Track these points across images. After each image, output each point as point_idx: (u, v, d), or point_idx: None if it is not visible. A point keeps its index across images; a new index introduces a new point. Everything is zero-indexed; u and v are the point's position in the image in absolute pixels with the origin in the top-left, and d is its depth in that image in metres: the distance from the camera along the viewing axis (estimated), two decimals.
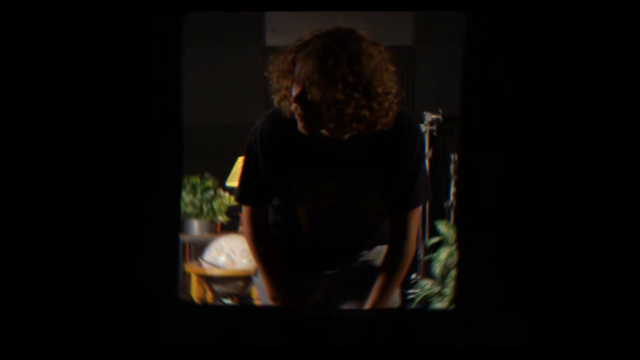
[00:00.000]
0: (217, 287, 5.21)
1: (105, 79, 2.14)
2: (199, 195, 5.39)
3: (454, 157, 5.66)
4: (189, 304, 3.59)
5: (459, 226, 2.20)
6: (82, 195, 2.12)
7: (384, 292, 2.52)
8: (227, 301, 5.11)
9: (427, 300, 5.20)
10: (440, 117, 5.52)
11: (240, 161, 5.57)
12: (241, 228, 5.67)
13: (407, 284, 5.35)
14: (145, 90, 2.15)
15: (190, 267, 5.35)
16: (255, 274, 2.71)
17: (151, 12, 2.12)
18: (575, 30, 2.08)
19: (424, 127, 5.61)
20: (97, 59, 2.13)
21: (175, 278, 2.19)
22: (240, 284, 5.20)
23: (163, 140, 2.16)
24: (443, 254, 5.18)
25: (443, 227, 5.32)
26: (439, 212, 5.62)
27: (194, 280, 5.43)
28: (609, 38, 2.08)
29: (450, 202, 5.70)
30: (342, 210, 2.52)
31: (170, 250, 2.17)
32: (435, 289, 5.18)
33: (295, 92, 2.27)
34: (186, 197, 5.38)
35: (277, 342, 2.13)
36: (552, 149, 2.09)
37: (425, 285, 5.26)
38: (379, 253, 2.66)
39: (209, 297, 5.39)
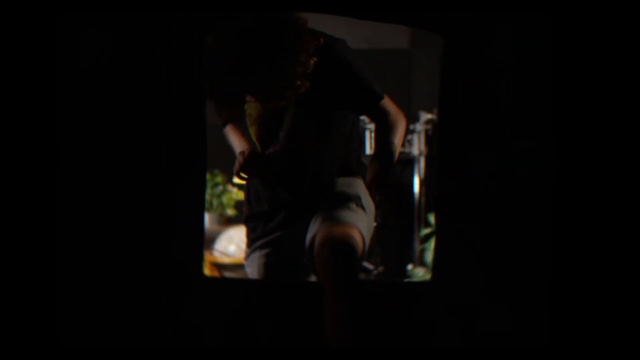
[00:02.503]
0: (228, 274, 5.15)
1: (106, 79, 2.00)
2: (209, 190, 5.35)
3: None
4: (212, 279, 3.55)
5: (438, 213, 2.16)
6: (106, 191, 2.01)
7: (382, 148, 2.26)
8: None
9: None
10: (435, 116, 5.41)
11: None
12: None
13: (403, 273, 5.24)
14: (151, 89, 2.02)
15: None
16: (246, 258, 2.50)
17: (151, 12, 1.98)
18: (572, 29, 1.97)
19: (420, 127, 5.48)
20: (97, 59, 1.99)
21: (200, 257, 2.14)
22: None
23: (187, 136, 2.08)
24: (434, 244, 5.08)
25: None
26: (432, 205, 5.47)
27: (206, 268, 5.37)
28: (607, 38, 1.96)
29: None
30: (287, 139, 2.31)
31: (196, 234, 2.11)
32: (428, 276, 5.08)
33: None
34: None
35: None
36: (546, 144, 2.02)
37: (418, 273, 5.17)
38: (348, 184, 2.39)
39: None
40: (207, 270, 5.38)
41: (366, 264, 4.77)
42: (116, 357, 1.93)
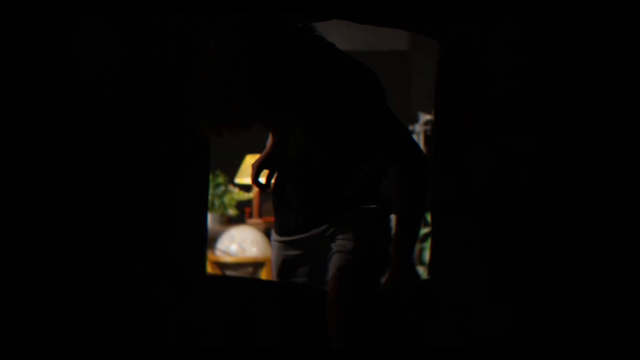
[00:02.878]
0: (229, 273, 5.14)
1: (106, 78, 1.96)
2: (211, 191, 5.31)
3: None
4: (215, 276, 3.51)
5: (434, 212, 2.14)
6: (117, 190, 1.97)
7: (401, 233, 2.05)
8: None
9: None
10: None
11: (248, 160, 5.48)
12: (248, 220, 5.58)
13: None
14: (151, 89, 1.98)
15: None
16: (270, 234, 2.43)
17: (151, 12, 1.94)
18: (572, 29, 1.93)
19: (419, 127, 5.45)
20: (97, 59, 1.95)
21: (203, 256, 2.12)
22: (250, 269, 5.15)
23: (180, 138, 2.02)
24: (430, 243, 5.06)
25: None
26: (429, 205, 5.45)
27: (208, 267, 5.35)
28: (607, 37, 1.93)
29: None
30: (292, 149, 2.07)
31: (198, 234, 2.08)
32: (426, 275, 5.05)
33: None
34: None
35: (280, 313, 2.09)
36: (548, 147, 1.97)
37: (417, 272, 5.16)
38: (372, 237, 2.19)
39: None
40: (209, 269, 5.37)
41: None
42: (116, 357, 1.90)
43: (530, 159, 2.00)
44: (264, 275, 5.13)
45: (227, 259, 5.10)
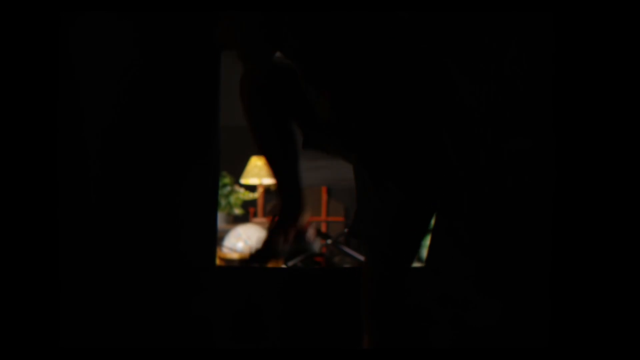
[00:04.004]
0: None
1: (108, 78, 1.96)
2: None
3: None
4: (224, 267, 3.55)
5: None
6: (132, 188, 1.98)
7: None
8: None
9: None
10: None
11: (253, 160, 5.47)
12: (253, 219, 5.59)
13: None
14: (156, 89, 1.99)
15: None
16: None
17: (155, 12, 1.91)
18: (574, 29, 1.89)
19: None
20: (102, 58, 1.96)
21: (213, 251, 2.12)
22: (255, 266, 5.16)
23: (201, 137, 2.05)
24: (429, 241, 5.03)
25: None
26: None
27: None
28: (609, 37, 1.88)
29: None
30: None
31: (207, 232, 2.08)
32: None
33: None
34: None
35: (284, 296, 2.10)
36: (549, 147, 1.92)
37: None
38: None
39: None
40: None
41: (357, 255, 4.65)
42: (119, 357, 1.86)
43: (530, 159, 1.96)
44: None
45: (234, 255, 5.11)
